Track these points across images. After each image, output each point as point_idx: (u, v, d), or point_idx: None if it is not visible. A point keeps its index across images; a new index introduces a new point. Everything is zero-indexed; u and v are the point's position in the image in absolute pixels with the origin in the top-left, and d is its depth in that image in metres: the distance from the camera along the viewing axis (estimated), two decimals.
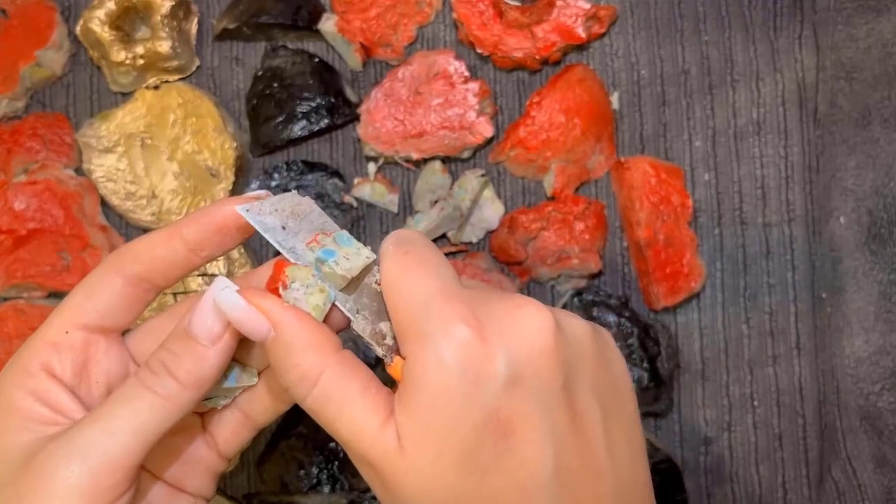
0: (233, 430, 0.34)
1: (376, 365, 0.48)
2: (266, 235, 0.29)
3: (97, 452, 0.27)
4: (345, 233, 0.30)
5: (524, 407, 0.27)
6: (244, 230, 0.31)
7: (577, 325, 0.30)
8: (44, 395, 0.29)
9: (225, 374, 0.31)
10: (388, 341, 0.29)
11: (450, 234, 0.50)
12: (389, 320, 0.29)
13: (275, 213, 0.30)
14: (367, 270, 0.30)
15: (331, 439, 0.48)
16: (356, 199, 0.51)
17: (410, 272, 0.29)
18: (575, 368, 0.29)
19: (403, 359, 0.29)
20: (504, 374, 0.27)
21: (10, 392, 0.29)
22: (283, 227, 0.29)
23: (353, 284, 0.29)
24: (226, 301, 0.28)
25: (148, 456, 0.31)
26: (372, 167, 0.51)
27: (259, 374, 0.32)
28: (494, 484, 0.27)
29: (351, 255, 0.29)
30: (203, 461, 0.33)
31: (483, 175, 0.50)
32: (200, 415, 0.34)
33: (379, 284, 0.30)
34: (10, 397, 0.29)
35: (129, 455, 0.27)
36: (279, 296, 0.28)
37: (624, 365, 0.32)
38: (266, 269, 0.31)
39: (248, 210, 0.29)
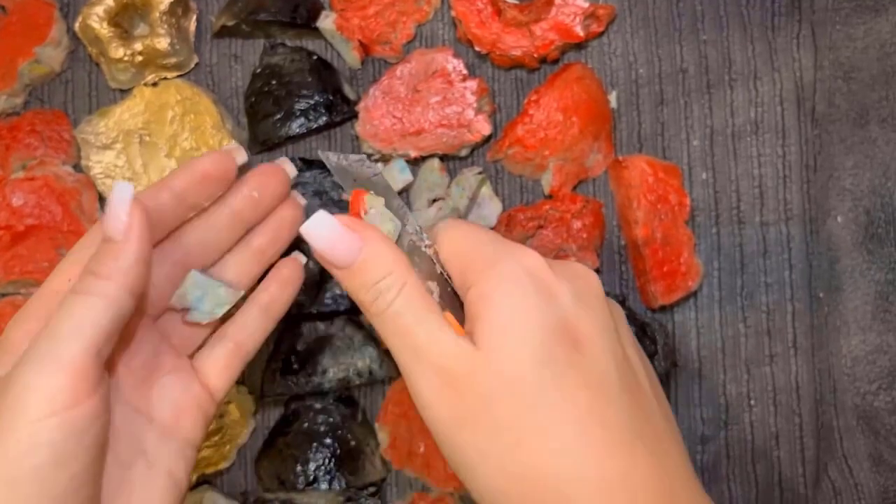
0: (224, 363, 0.36)
1: None
2: (339, 180, 0.32)
3: (48, 359, 0.28)
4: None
5: (588, 327, 0.30)
6: (224, 181, 0.35)
7: (614, 304, 0.33)
8: None
9: (206, 290, 0.35)
10: (436, 298, 0.32)
11: None
12: (435, 280, 0.32)
13: (349, 167, 0.33)
14: (419, 237, 0.33)
15: (328, 437, 0.48)
16: None
17: (463, 226, 0.33)
18: (618, 323, 0.32)
19: (452, 311, 0.31)
20: (570, 294, 0.30)
21: (12, 333, 0.31)
22: (355, 181, 0.32)
23: (407, 249, 0.33)
24: (319, 226, 0.30)
25: (139, 397, 0.33)
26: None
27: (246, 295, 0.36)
28: (570, 385, 0.29)
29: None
30: (195, 403, 0.35)
31: (480, 173, 0.50)
32: (189, 357, 0.36)
33: (429, 248, 0.33)
34: (10, 337, 0.31)
35: (78, 355, 0.28)
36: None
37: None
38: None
39: (327, 157, 0.31)
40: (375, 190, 0.33)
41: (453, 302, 0.32)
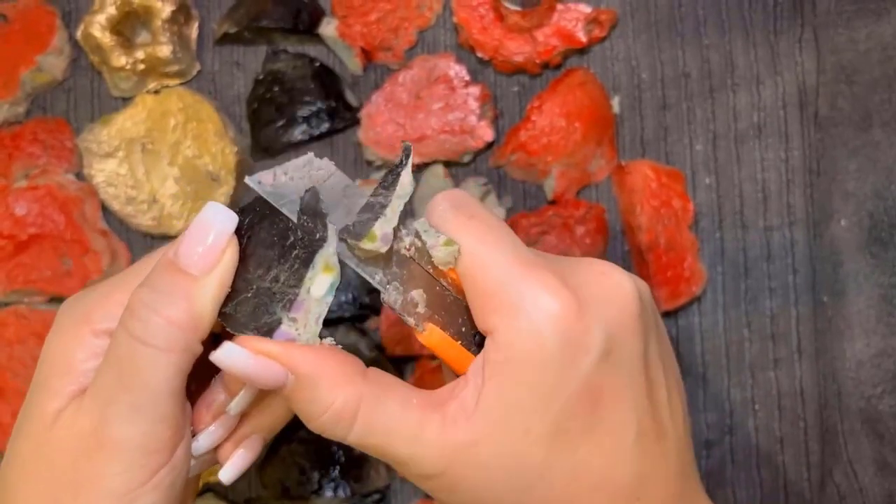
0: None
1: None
2: (283, 210, 0.26)
3: (135, 430, 0.26)
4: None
5: (614, 377, 0.27)
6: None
7: (644, 288, 0.29)
8: (100, 356, 0.28)
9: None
10: (420, 309, 0.28)
11: None
12: (422, 287, 0.28)
13: (289, 182, 0.27)
14: (397, 238, 0.28)
15: (332, 444, 0.48)
16: None
17: (484, 239, 0.27)
18: (649, 335, 0.28)
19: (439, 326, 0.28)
20: (600, 347, 0.26)
21: (72, 350, 0.28)
22: (301, 198, 0.27)
23: (384, 254, 0.28)
24: (228, 358, 0.26)
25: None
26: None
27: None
28: (582, 456, 0.26)
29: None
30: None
31: (485, 184, 0.50)
32: None
33: (409, 249, 0.28)
34: (71, 356, 0.28)
35: (157, 426, 0.27)
36: None
37: (662, 322, 0.32)
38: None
39: (259, 182, 0.26)
40: (329, 195, 0.27)
41: (447, 306, 0.29)
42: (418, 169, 0.51)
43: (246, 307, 0.27)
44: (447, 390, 0.27)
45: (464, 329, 0.29)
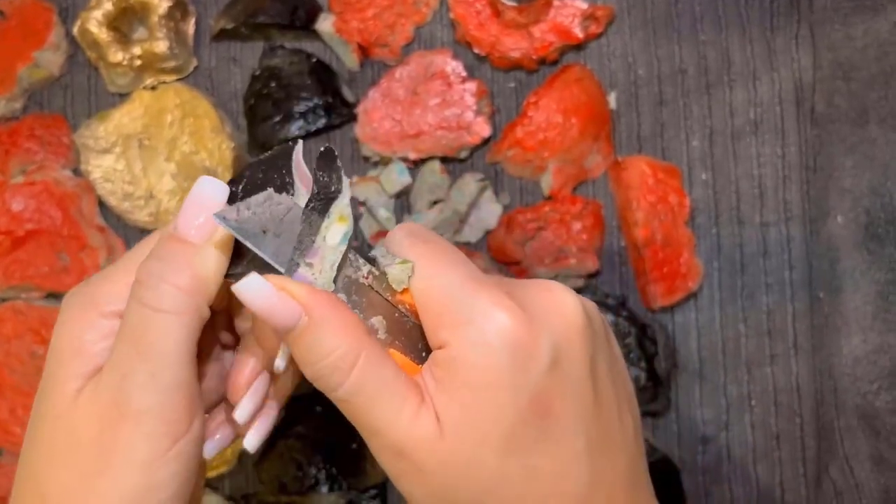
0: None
1: None
2: (246, 243, 0.27)
3: (154, 399, 0.27)
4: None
5: (561, 387, 0.28)
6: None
7: (591, 306, 0.30)
8: (110, 337, 0.29)
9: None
10: (381, 336, 0.29)
11: (447, 237, 0.50)
12: (381, 313, 0.29)
13: (253, 216, 0.28)
14: (354, 268, 0.29)
15: (329, 440, 0.48)
16: (353, 198, 0.51)
17: (437, 261, 0.29)
18: (595, 349, 0.29)
19: (405, 353, 0.29)
20: (548, 357, 0.27)
21: (82, 333, 0.29)
22: (264, 232, 0.28)
23: (343, 287, 0.29)
24: (250, 289, 0.27)
25: None
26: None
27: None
28: (534, 463, 0.27)
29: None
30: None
31: (482, 180, 0.50)
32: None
33: (367, 278, 0.29)
34: (81, 339, 0.29)
35: (174, 395, 0.27)
36: None
37: (617, 344, 0.33)
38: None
39: (224, 218, 0.27)
40: (289, 228, 0.28)
41: (406, 331, 0.30)
42: (415, 165, 0.51)
43: (256, 262, 0.28)
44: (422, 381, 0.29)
45: (424, 354, 0.30)
